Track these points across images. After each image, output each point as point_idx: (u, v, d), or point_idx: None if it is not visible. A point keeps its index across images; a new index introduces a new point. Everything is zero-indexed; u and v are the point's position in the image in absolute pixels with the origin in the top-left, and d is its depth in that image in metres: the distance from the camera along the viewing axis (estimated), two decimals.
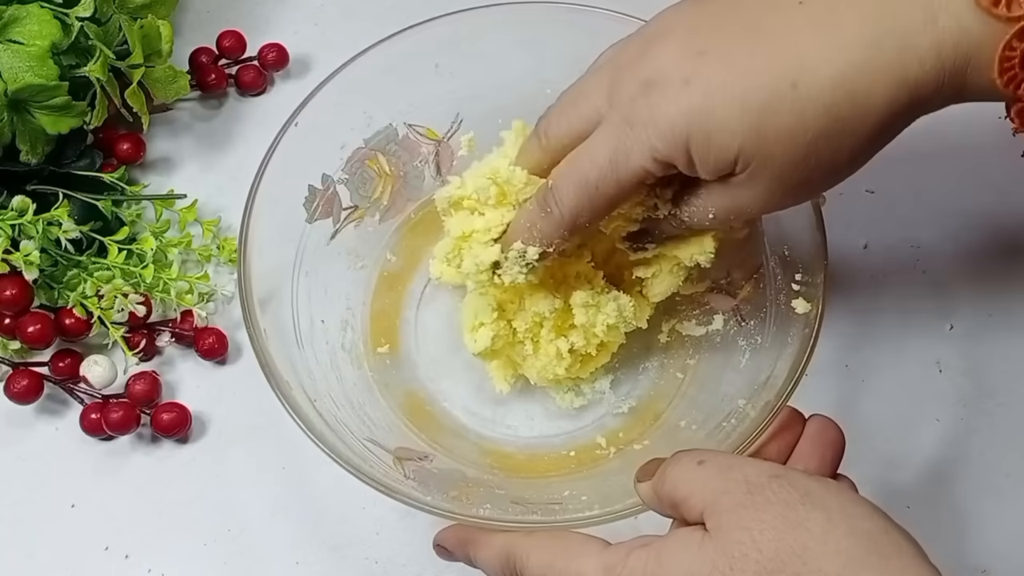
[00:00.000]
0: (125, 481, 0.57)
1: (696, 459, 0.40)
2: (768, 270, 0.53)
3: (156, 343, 0.60)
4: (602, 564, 0.40)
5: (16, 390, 0.57)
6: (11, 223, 0.57)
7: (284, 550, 0.55)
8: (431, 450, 0.54)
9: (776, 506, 0.37)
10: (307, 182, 0.56)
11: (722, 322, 0.56)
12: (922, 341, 0.60)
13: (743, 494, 0.38)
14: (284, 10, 0.73)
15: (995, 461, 0.57)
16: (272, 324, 0.51)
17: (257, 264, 0.51)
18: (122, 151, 0.65)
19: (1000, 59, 0.38)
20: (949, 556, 0.37)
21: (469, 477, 0.52)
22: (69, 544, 0.55)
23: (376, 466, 0.48)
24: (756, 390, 0.50)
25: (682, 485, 0.40)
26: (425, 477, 0.50)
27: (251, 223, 0.52)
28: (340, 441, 0.48)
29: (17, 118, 0.58)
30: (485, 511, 0.46)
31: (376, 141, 0.58)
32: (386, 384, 0.57)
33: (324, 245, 0.57)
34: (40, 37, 0.57)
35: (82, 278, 0.59)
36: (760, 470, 0.39)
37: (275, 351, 0.50)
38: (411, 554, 0.54)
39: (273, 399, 0.58)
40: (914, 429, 0.57)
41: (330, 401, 0.52)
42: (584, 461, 0.54)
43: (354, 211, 0.58)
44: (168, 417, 0.57)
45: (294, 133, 0.54)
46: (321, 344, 0.55)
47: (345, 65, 0.55)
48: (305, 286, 0.55)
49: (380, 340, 0.58)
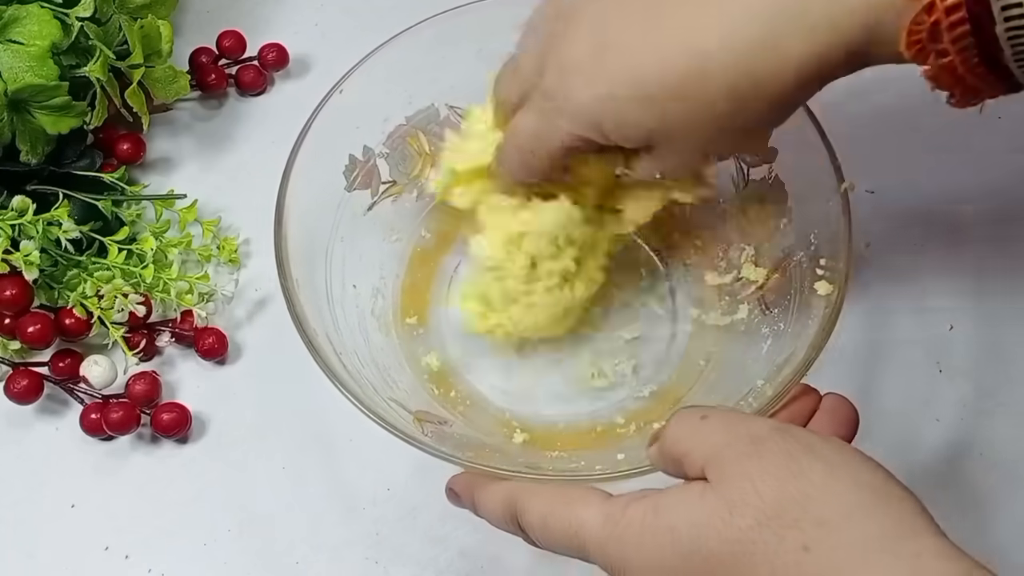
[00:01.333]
0: (125, 481, 0.57)
1: (699, 414, 0.41)
2: (795, 259, 0.53)
3: (156, 343, 0.60)
4: (602, 513, 0.40)
5: (16, 390, 0.57)
6: (11, 223, 0.57)
7: (284, 550, 0.55)
8: (451, 417, 0.54)
9: (779, 456, 0.37)
10: (348, 151, 0.57)
11: (747, 311, 0.56)
12: (922, 341, 0.60)
13: (746, 445, 0.38)
14: (284, 10, 0.73)
15: (995, 461, 0.57)
16: (304, 278, 0.52)
17: (294, 219, 0.52)
18: (122, 151, 0.65)
19: (908, 32, 0.38)
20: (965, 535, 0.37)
21: (487, 444, 0.53)
22: (69, 544, 0.55)
23: (395, 421, 0.49)
24: (775, 371, 0.50)
25: (685, 439, 0.40)
26: (443, 438, 0.51)
27: (291, 179, 0.53)
28: (362, 392, 0.49)
29: (17, 118, 0.58)
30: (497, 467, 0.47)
31: (418, 119, 0.59)
32: (412, 352, 0.58)
33: (361, 215, 0.58)
34: (40, 37, 0.57)
35: (82, 278, 0.59)
36: (764, 424, 0.39)
37: (305, 301, 0.51)
38: (411, 554, 0.55)
39: (273, 399, 0.59)
40: (914, 429, 0.57)
41: (355, 358, 0.53)
42: (603, 438, 0.55)
43: (392, 186, 0.59)
44: (168, 417, 0.57)
45: (339, 99, 0.55)
46: (351, 307, 0.56)
47: (390, 40, 0.56)
48: (340, 251, 0.56)
49: (410, 311, 0.59)
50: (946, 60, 0.38)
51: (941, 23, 0.37)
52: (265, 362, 0.60)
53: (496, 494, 0.45)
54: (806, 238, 0.53)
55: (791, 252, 0.54)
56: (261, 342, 0.61)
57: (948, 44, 0.37)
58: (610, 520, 0.40)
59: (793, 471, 0.37)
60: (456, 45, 0.57)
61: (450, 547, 0.55)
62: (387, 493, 0.56)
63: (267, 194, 0.65)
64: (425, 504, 0.56)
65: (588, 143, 0.45)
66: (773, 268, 0.55)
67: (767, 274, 0.55)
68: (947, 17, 0.36)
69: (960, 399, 0.58)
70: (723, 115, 0.42)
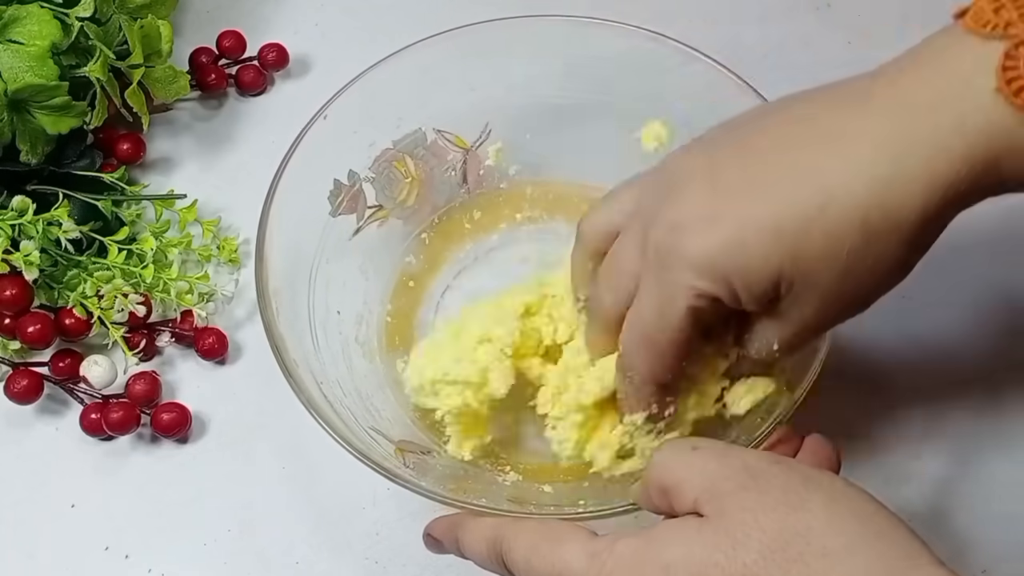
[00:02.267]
0: (125, 481, 0.57)
1: (689, 445, 0.40)
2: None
3: (156, 343, 0.60)
4: (586, 552, 0.39)
5: (16, 390, 0.57)
6: (11, 223, 0.57)
7: (284, 550, 0.55)
8: (435, 447, 0.54)
9: (778, 488, 0.37)
10: (333, 175, 0.56)
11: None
12: (922, 341, 0.60)
13: (744, 478, 0.37)
14: (284, 10, 0.73)
15: (995, 462, 0.57)
16: (285, 305, 0.52)
17: (276, 245, 0.52)
18: (122, 151, 0.65)
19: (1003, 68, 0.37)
20: (949, 557, 0.37)
21: (469, 474, 0.52)
22: (69, 544, 0.55)
23: (376, 452, 0.48)
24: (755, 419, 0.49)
25: (676, 469, 0.39)
26: (425, 469, 0.50)
27: (273, 205, 0.52)
28: (342, 423, 0.48)
29: (17, 118, 0.58)
30: (480, 502, 0.46)
31: (405, 143, 0.58)
32: (396, 380, 0.57)
33: (346, 240, 0.57)
34: (40, 37, 0.57)
35: (82, 278, 0.59)
36: (758, 456, 0.39)
37: (285, 330, 0.50)
38: (411, 554, 0.54)
39: (273, 399, 0.58)
40: (914, 430, 0.57)
41: (337, 387, 0.52)
42: (587, 474, 0.53)
43: (378, 210, 0.59)
44: (168, 417, 0.57)
45: (322, 125, 0.55)
46: (335, 333, 0.55)
47: (377, 64, 0.56)
48: (324, 275, 0.56)
49: (395, 339, 0.58)
50: None
51: None
52: (265, 362, 0.59)
53: (480, 532, 0.44)
54: None
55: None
56: (261, 342, 0.60)
57: None
58: (596, 559, 0.39)
59: (794, 503, 0.36)
60: (445, 68, 0.57)
61: None
62: (387, 493, 0.56)
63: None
64: (425, 504, 0.55)
65: (713, 303, 0.42)
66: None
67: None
68: None
69: (960, 399, 0.58)
70: (854, 251, 0.40)
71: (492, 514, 0.45)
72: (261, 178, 0.66)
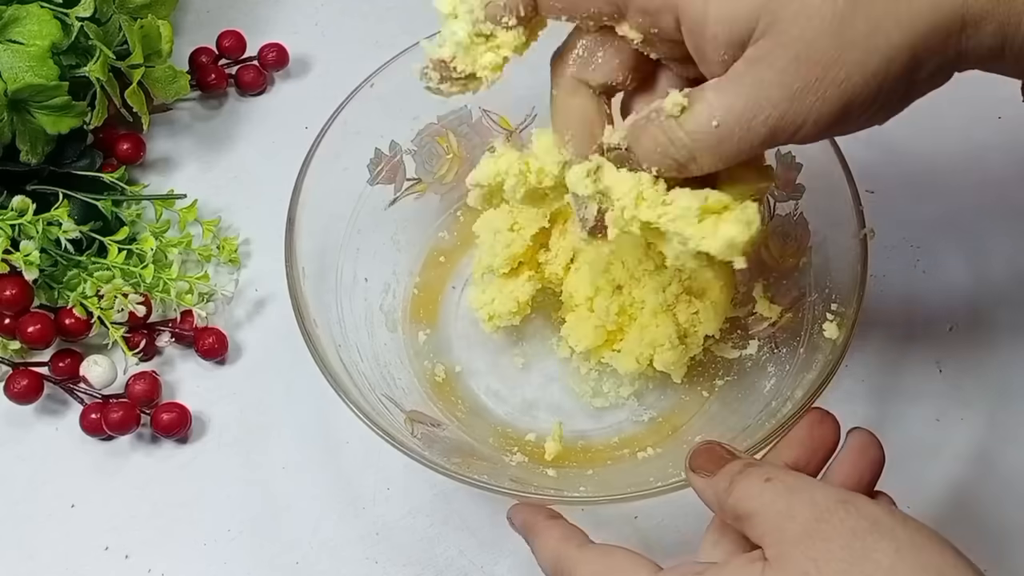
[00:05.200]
0: (125, 481, 0.57)
1: (763, 476, 0.39)
2: (809, 300, 0.53)
3: (156, 343, 0.60)
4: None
5: (16, 390, 0.57)
6: (11, 223, 0.57)
7: (284, 550, 0.55)
8: (446, 420, 0.54)
9: (844, 535, 0.36)
10: (374, 144, 0.57)
11: (756, 347, 0.56)
12: (922, 341, 0.60)
13: (810, 521, 0.36)
14: (284, 10, 0.73)
15: (995, 462, 0.57)
16: (312, 267, 0.52)
17: (309, 207, 0.52)
18: (122, 151, 0.65)
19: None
20: None
21: (476, 451, 0.53)
22: (69, 544, 0.55)
23: (385, 419, 0.49)
24: (772, 410, 0.50)
25: (747, 501, 0.38)
26: (431, 441, 0.51)
27: (310, 168, 0.53)
28: (355, 387, 0.49)
29: (17, 118, 0.58)
30: (482, 479, 0.47)
31: (450, 119, 0.59)
32: (416, 352, 0.58)
33: (382, 209, 0.58)
34: (40, 37, 0.57)
35: (82, 278, 0.59)
36: (828, 494, 0.37)
37: (309, 292, 0.51)
38: (411, 554, 0.54)
39: (273, 399, 0.59)
40: (914, 429, 0.57)
41: (356, 352, 0.53)
42: (595, 457, 0.55)
43: (417, 183, 0.59)
44: (168, 417, 0.57)
45: (368, 93, 0.55)
46: (360, 300, 0.56)
47: (428, 38, 0.55)
48: (355, 242, 0.57)
49: (419, 311, 0.59)
50: None
51: None
52: (265, 362, 0.60)
53: (545, 550, 0.44)
54: (822, 280, 0.52)
55: (806, 292, 0.54)
56: (261, 342, 0.61)
57: None
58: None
59: (858, 552, 0.35)
60: None
61: (450, 547, 0.55)
62: (387, 493, 0.56)
63: (267, 194, 0.65)
64: (425, 504, 0.56)
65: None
66: (787, 307, 0.55)
67: (780, 312, 0.55)
68: None
69: (960, 399, 0.58)
70: (844, 16, 0.35)
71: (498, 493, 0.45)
72: (261, 178, 0.66)
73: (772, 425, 0.47)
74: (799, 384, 0.50)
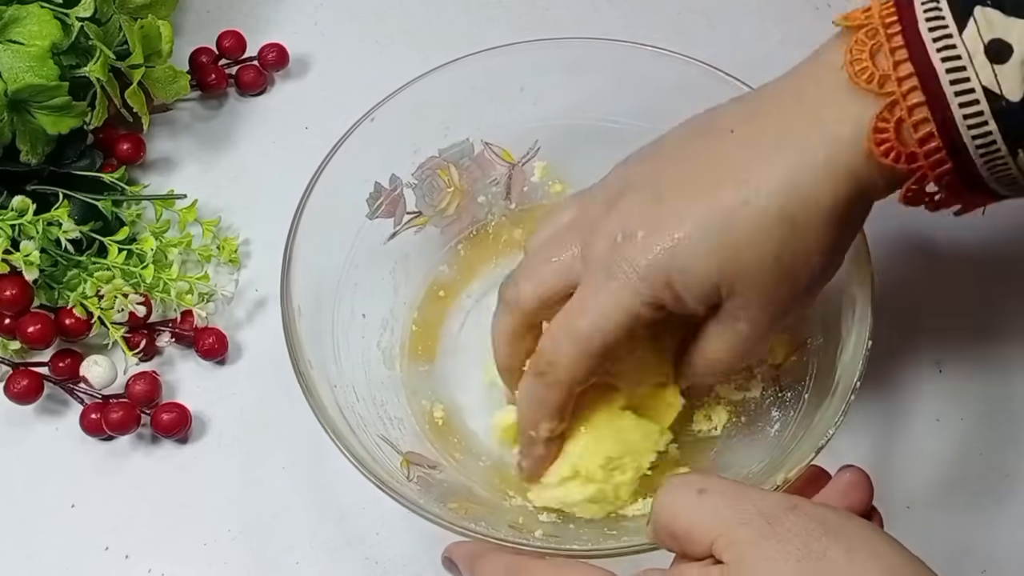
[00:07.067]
0: (125, 481, 0.57)
1: (695, 487, 0.39)
2: (816, 343, 0.52)
3: (156, 343, 0.60)
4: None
5: (16, 390, 0.57)
6: (11, 223, 0.57)
7: (284, 550, 0.55)
8: (443, 462, 0.53)
9: (798, 537, 0.36)
10: (374, 178, 0.56)
11: (759, 389, 0.54)
12: (922, 341, 0.60)
13: (761, 524, 0.36)
14: (284, 10, 0.73)
15: (995, 461, 0.57)
16: (308, 304, 0.52)
17: (306, 243, 0.52)
18: (122, 151, 0.65)
19: (874, 130, 0.41)
20: (948, 557, 0.37)
21: (474, 494, 0.52)
22: (69, 544, 0.55)
23: (381, 462, 0.48)
24: (779, 458, 0.49)
25: (683, 516, 0.38)
26: (428, 484, 0.50)
27: (309, 202, 0.52)
28: (350, 430, 0.48)
29: (17, 118, 0.58)
30: (479, 527, 0.46)
31: (451, 153, 0.58)
32: (414, 391, 0.56)
33: (381, 244, 0.57)
34: (40, 37, 0.57)
35: (82, 278, 0.59)
36: (771, 499, 0.38)
37: (305, 331, 0.50)
38: (411, 554, 0.54)
39: (273, 399, 0.58)
40: (914, 429, 0.57)
41: (352, 392, 0.52)
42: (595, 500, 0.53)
43: (417, 217, 0.58)
44: (168, 417, 0.57)
45: (368, 127, 0.55)
46: (357, 337, 0.55)
47: (430, 72, 0.56)
48: (353, 278, 0.55)
49: (418, 348, 0.58)
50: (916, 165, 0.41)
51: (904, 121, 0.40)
52: (265, 362, 0.60)
53: (495, 566, 0.43)
54: (829, 322, 0.51)
55: (812, 335, 0.53)
56: (261, 342, 0.61)
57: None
58: None
59: (814, 553, 0.35)
60: (500, 82, 0.57)
61: None
62: None
63: (267, 194, 0.65)
64: None
65: (654, 310, 0.44)
66: (792, 348, 0.54)
67: (786, 354, 0.54)
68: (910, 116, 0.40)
69: (960, 399, 0.58)
70: (782, 241, 0.43)
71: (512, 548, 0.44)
72: (261, 178, 0.66)
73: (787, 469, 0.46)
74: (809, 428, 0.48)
